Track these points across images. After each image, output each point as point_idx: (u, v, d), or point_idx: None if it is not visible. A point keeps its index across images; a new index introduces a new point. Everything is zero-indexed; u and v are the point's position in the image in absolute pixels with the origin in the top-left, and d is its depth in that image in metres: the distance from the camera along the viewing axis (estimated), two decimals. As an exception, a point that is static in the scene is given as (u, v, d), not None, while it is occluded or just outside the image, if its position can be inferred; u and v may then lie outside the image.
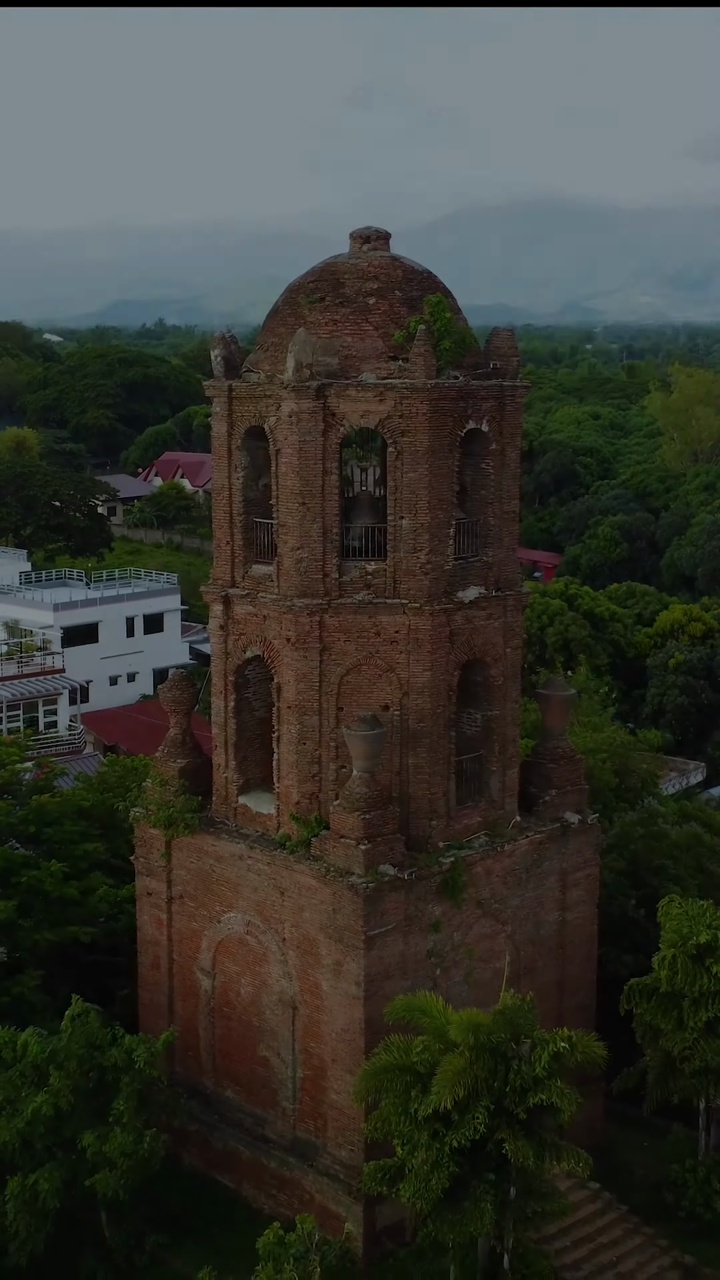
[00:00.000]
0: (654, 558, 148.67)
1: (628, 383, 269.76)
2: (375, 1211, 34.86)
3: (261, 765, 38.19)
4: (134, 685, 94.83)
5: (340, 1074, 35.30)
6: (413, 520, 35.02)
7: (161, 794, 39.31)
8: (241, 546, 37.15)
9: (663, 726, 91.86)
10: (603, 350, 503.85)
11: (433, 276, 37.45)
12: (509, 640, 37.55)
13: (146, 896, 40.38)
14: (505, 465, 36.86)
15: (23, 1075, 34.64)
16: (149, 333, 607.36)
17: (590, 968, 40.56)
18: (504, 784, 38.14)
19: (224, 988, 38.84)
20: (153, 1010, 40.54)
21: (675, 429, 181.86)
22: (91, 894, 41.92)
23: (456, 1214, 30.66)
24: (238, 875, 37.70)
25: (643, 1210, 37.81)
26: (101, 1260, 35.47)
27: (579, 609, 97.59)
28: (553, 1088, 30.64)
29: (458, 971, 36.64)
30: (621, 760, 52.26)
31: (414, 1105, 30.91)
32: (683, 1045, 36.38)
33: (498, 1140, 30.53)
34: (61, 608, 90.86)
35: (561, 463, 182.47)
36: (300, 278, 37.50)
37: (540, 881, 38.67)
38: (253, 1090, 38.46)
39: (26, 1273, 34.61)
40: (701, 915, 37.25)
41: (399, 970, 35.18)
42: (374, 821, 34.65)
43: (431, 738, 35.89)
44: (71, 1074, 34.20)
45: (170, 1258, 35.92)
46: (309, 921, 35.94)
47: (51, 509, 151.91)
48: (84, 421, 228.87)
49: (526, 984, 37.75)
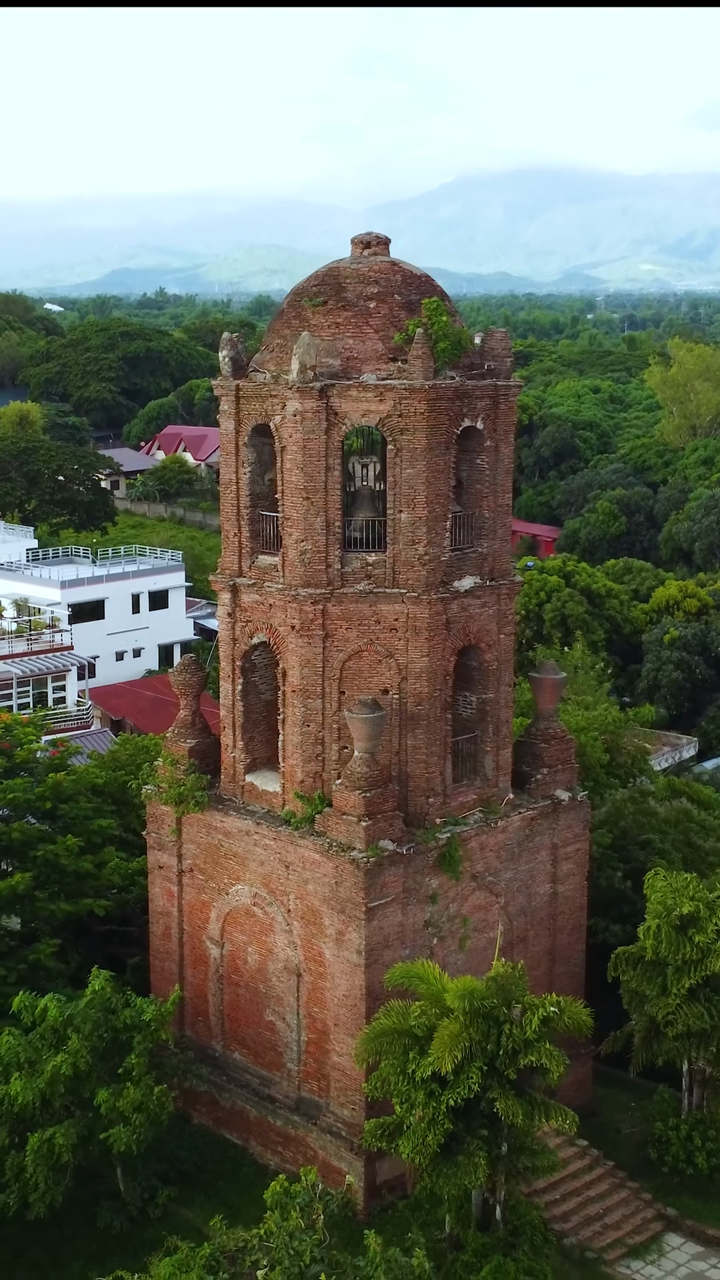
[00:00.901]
0: (652, 532, 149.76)
1: (628, 355, 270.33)
2: (375, 1166, 36.74)
3: (267, 745, 40.00)
4: (139, 660, 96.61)
5: (342, 1037, 37.12)
6: (411, 514, 36.77)
7: (172, 773, 41.17)
8: (248, 538, 38.88)
9: (658, 701, 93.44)
10: (604, 320, 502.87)
11: (430, 280, 39.11)
12: (502, 627, 39.34)
13: (158, 870, 42.30)
14: (499, 461, 38.61)
15: (42, 1038, 36.39)
16: (150, 302, 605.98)
17: (579, 937, 42.41)
18: (498, 763, 39.97)
19: (232, 956, 40.75)
20: (164, 977, 42.49)
21: (674, 403, 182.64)
22: (105, 867, 43.76)
23: (452, 1168, 32.46)
24: (245, 850, 39.58)
25: (629, 1166, 39.69)
26: (117, 1212, 37.40)
27: (576, 585, 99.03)
28: (542, 1050, 32.48)
29: (453, 941, 38.49)
30: (612, 738, 54.00)
31: (412, 1066, 32.66)
32: (666, 1010, 38.07)
33: (490, 1099, 32.32)
34: (68, 585, 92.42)
35: (561, 437, 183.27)
36: (304, 281, 39.15)
37: (532, 856, 40.52)
38: (259, 1053, 40.40)
39: (46, 1223, 36.58)
40: (685, 887, 39.02)
41: (398, 939, 36.94)
42: (374, 800, 36.44)
43: (429, 720, 37.68)
44: (88, 1037, 35.99)
45: (181, 1210, 37.73)
46: (313, 894, 37.78)
47: (55, 484, 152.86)
48: (86, 395, 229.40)
49: (519, 953, 39.73)
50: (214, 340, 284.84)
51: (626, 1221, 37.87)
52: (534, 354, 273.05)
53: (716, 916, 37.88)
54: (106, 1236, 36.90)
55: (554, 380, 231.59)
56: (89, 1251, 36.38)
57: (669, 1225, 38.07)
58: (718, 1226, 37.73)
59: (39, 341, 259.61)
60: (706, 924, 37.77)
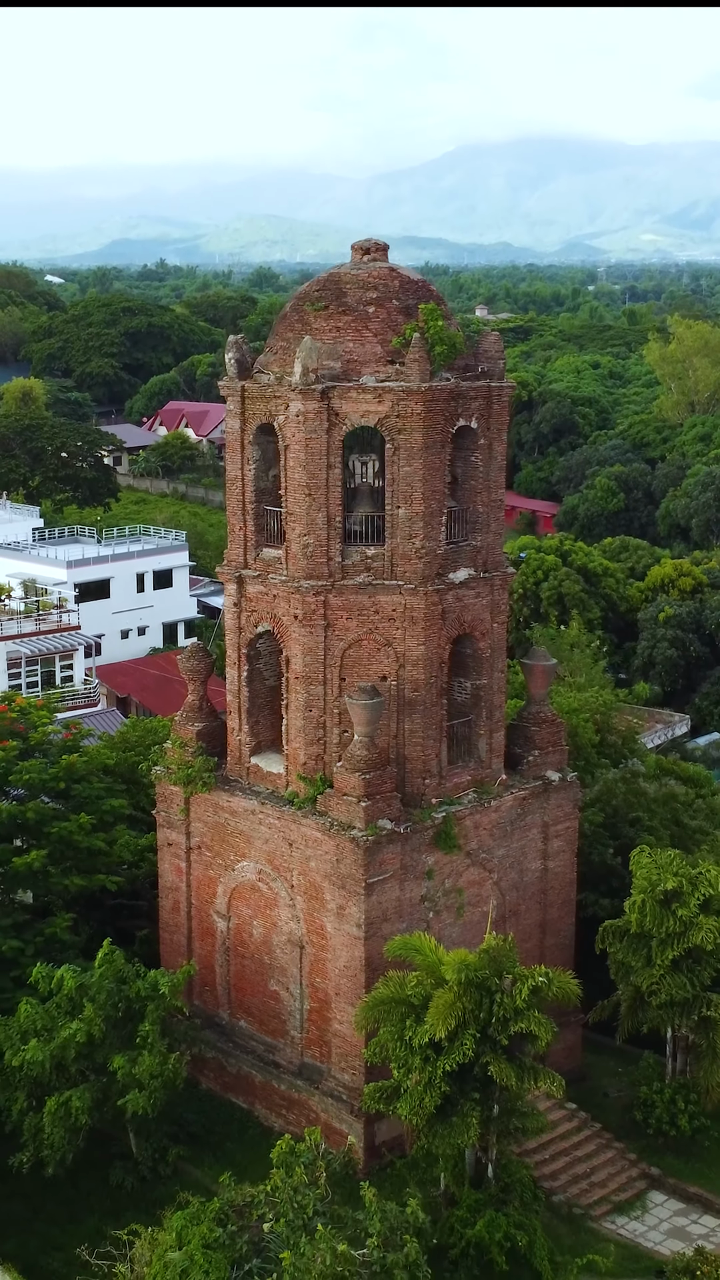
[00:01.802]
0: (650, 508, 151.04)
1: (628, 329, 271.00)
2: (374, 1127, 38.73)
3: (272, 729, 41.87)
4: (144, 639, 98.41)
5: (343, 1006, 39.04)
6: (408, 509, 38.53)
7: (181, 755, 43.08)
8: (253, 531, 40.66)
9: (652, 678, 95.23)
10: (605, 291, 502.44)
11: (427, 285, 40.81)
12: (496, 616, 41.15)
13: (167, 847, 44.24)
14: (492, 458, 40.38)
15: (59, 1006, 38.28)
16: (151, 274, 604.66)
17: (569, 911, 44.36)
18: (491, 746, 41.83)
19: (238, 929, 42.69)
20: (173, 949, 44.49)
21: (672, 379, 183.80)
22: (116, 844, 45.61)
23: (446, 1129, 34.48)
24: (250, 828, 41.49)
25: (615, 1128, 41.71)
26: (129, 1171, 39.38)
27: (573, 564, 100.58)
28: (531, 1018, 34.46)
29: (448, 915, 40.40)
30: (603, 718, 55.84)
31: (409, 1033, 34.64)
32: (650, 981, 40.03)
33: (483, 1064, 34.28)
34: (75, 564, 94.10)
35: (560, 413, 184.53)
36: (306, 285, 40.86)
37: (524, 833, 42.42)
38: (264, 1021, 42.38)
39: (62, 1181, 38.63)
40: (669, 864, 40.93)
41: (396, 913, 38.85)
42: (373, 781, 38.29)
43: (425, 705, 39.53)
44: (102, 1005, 37.97)
45: (190, 1169, 39.70)
46: (315, 870, 39.70)
47: (59, 460, 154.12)
48: (88, 370, 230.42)
49: (512, 926, 41.67)
50: (216, 315, 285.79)
51: (612, 1180, 39.88)
52: (534, 329, 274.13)
53: (698, 892, 39.78)
54: (120, 1194, 38.84)
55: (554, 355, 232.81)
56: (103, 1208, 38.32)
57: (653, 1183, 40.06)
58: (699, 1184, 39.75)
59: (41, 317, 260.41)
60: (689, 899, 39.68)
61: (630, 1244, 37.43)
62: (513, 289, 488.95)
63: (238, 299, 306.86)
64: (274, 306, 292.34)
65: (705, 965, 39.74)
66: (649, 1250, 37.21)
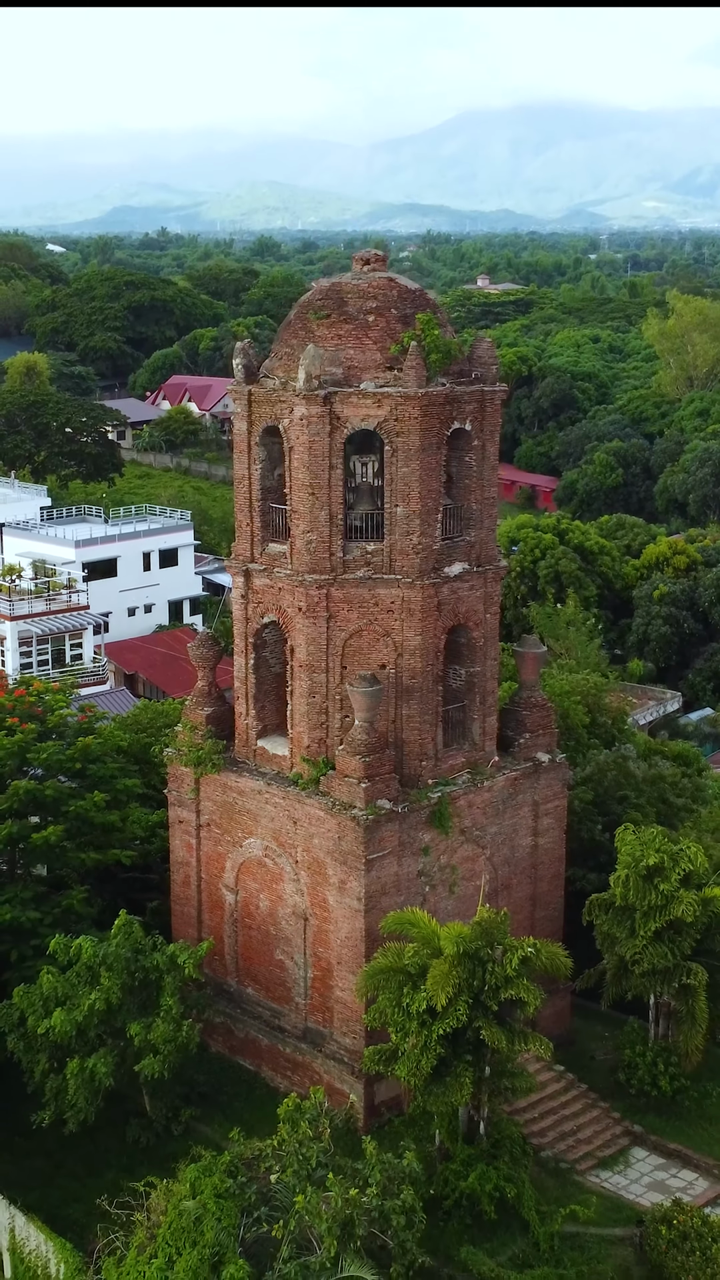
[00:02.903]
0: (648, 484, 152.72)
1: (629, 302, 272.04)
2: (374, 1088, 41.19)
3: (277, 714, 44.20)
4: (150, 616, 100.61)
5: (344, 974, 41.48)
6: (406, 508, 40.76)
7: (191, 738, 45.45)
8: (260, 528, 42.91)
9: (647, 655, 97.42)
10: (607, 260, 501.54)
11: (423, 294, 42.93)
12: (488, 607, 43.42)
13: (178, 824, 46.66)
14: (485, 458, 42.56)
15: (78, 975, 40.61)
16: (152, 242, 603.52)
17: (558, 885, 46.78)
18: (484, 729, 44.18)
19: (245, 902, 45.14)
20: (184, 921, 46.97)
21: (671, 354, 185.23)
22: (129, 821, 48.04)
23: (441, 1089, 36.95)
24: (257, 807, 43.87)
25: (600, 1088, 44.18)
26: (144, 1128, 41.86)
27: (570, 543, 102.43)
28: (521, 985, 36.86)
29: (444, 889, 42.81)
30: (594, 700, 58.10)
31: (406, 1000, 37.03)
32: (634, 951, 42.39)
33: (476, 1029, 36.70)
34: (83, 544, 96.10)
35: (560, 388, 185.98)
36: (309, 294, 43.02)
37: (515, 812, 44.81)
38: (270, 988, 44.86)
39: (81, 1138, 41.11)
40: (652, 841, 43.24)
41: (394, 888, 41.22)
42: (373, 764, 40.63)
43: (422, 692, 41.85)
44: (119, 974, 40.37)
45: (201, 1127, 42.14)
46: (318, 847, 42.08)
47: (64, 436, 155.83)
48: (92, 344, 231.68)
49: (504, 899, 44.16)
50: (218, 288, 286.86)
51: (597, 1137, 42.37)
52: (535, 301, 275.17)
53: (679, 867, 42.13)
54: (135, 1150, 41.37)
55: (554, 329, 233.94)
56: (120, 1163, 40.81)
57: (635, 1140, 42.53)
58: (678, 1141, 42.25)
59: (44, 290, 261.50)
60: (670, 874, 42.03)
61: (613, 1196, 39.94)
62: (514, 259, 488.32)
63: (239, 271, 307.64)
64: (275, 280, 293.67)
65: (685, 936, 42.09)
66: (630, 1201, 39.72)
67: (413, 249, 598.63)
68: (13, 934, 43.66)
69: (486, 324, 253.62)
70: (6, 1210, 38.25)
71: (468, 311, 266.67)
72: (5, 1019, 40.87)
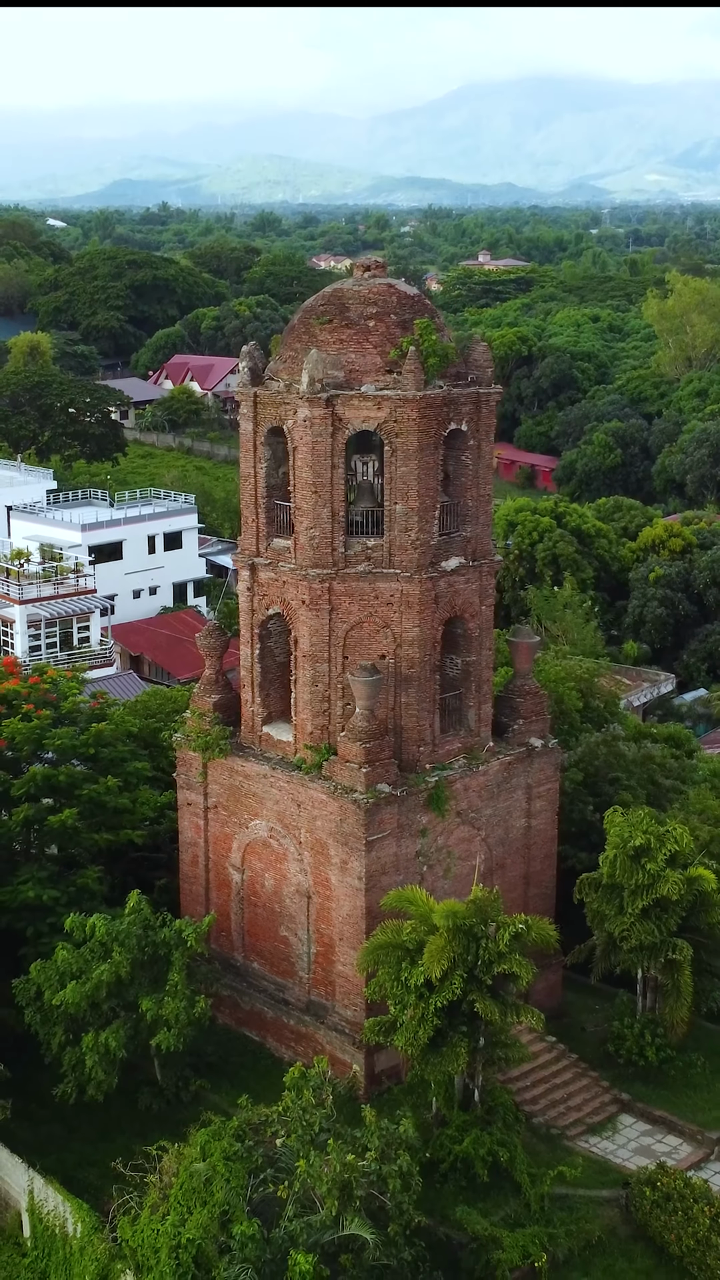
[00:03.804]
0: (646, 464, 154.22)
1: (629, 280, 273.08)
2: (374, 1057, 43.11)
3: (281, 701, 46.07)
4: (155, 598, 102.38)
5: (346, 950, 43.42)
6: (405, 505, 42.53)
7: (199, 724, 47.37)
8: (265, 524, 44.70)
9: (642, 637, 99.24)
10: (609, 236, 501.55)
11: (422, 299, 44.66)
12: (484, 600, 45.20)
13: (187, 807, 48.61)
14: (481, 457, 44.32)
15: (91, 951, 42.44)
16: (153, 217, 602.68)
17: (551, 864, 48.69)
18: (479, 716, 46.04)
19: (251, 881, 47.09)
20: (192, 898, 48.98)
21: (670, 335, 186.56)
22: (139, 803, 49.99)
23: (438, 1058, 38.79)
24: (262, 790, 45.79)
25: (590, 1058, 46.08)
26: (155, 1097, 43.74)
27: (567, 526, 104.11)
28: (513, 960, 38.65)
29: (440, 869, 44.72)
30: (587, 685, 59.99)
31: (405, 974, 38.81)
32: (622, 927, 44.20)
33: (470, 1001, 38.47)
34: (89, 528, 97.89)
35: (559, 368, 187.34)
36: (312, 299, 44.73)
37: (509, 795, 46.71)
38: (275, 963, 46.83)
39: (95, 1106, 42.90)
40: (640, 822, 45.13)
41: (393, 868, 43.09)
42: (373, 749, 42.47)
43: (420, 681, 43.70)
44: (130, 950, 42.30)
45: (209, 1096, 43.92)
46: (320, 828, 43.97)
47: (67, 417, 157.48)
48: (94, 323, 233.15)
49: (498, 878, 46.11)
50: (219, 266, 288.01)
51: (587, 1104, 44.30)
52: (535, 280, 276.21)
53: (665, 848, 44.01)
54: (147, 1116, 43.22)
55: (554, 308, 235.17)
56: (132, 1129, 42.61)
57: (623, 1108, 44.46)
58: (664, 1109, 44.22)
59: (46, 269, 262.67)
60: (657, 854, 43.91)
61: (601, 1160, 41.96)
62: (516, 234, 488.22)
63: (241, 250, 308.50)
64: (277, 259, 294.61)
65: (671, 914, 43.97)
66: (618, 1165, 41.73)
67: (414, 224, 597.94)
68: (30, 912, 45.65)
69: (487, 302, 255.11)
70: (25, 1173, 40.33)
71: (469, 290, 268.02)
72: (23, 993, 42.83)
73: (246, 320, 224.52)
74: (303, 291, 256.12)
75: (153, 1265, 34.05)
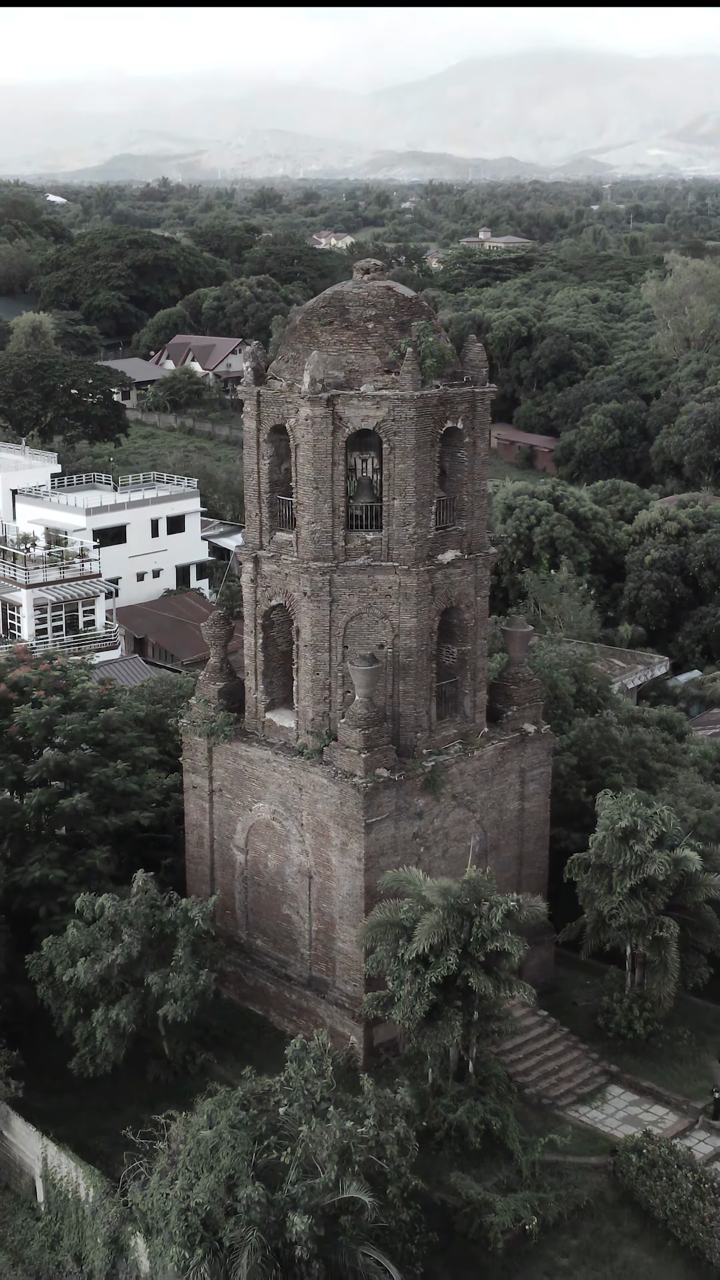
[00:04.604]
0: (645, 444, 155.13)
1: (629, 259, 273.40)
2: (372, 1031, 44.94)
3: (284, 688, 47.69)
4: (159, 580, 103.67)
5: (345, 928, 45.18)
6: (402, 500, 44.10)
7: (205, 711, 49.05)
8: (268, 518, 46.29)
9: (638, 619, 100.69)
10: (609, 212, 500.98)
11: (419, 301, 46.17)
12: (479, 591, 46.83)
13: (192, 790, 50.30)
14: (476, 454, 45.89)
15: (100, 930, 44.30)
16: (153, 193, 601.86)
17: (543, 845, 50.41)
18: (474, 703, 47.70)
19: (255, 861, 48.82)
20: (198, 878, 50.74)
21: (669, 315, 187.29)
22: (146, 785, 51.68)
23: (433, 1031, 40.67)
24: (266, 774, 47.49)
25: (581, 1031, 47.88)
26: (163, 1068, 45.54)
27: (564, 509, 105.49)
28: (505, 937, 40.35)
29: (437, 850, 46.47)
30: (581, 670, 61.61)
31: (402, 951, 40.62)
32: (611, 906, 45.95)
33: (464, 976, 40.27)
34: (94, 512, 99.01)
35: (559, 348, 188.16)
36: (313, 301, 46.25)
37: (503, 779, 48.42)
38: (277, 940, 48.61)
39: (104, 1078, 44.58)
40: (628, 805, 46.80)
41: (391, 849, 44.82)
42: (372, 736, 44.14)
43: (417, 669, 45.33)
44: (139, 928, 44.07)
45: (215, 1067, 45.71)
46: (321, 811, 45.64)
47: (70, 398, 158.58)
48: (96, 303, 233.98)
49: (493, 859, 47.91)
50: (220, 245, 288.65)
51: (577, 1075, 46.10)
52: (535, 259, 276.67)
53: (652, 829, 45.81)
54: (156, 1088, 45.02)
55: (554, 288, 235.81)
56: (141, 1099, 44.40)
57: (611, 1079, 46.26)
58: (651, 1080, 46.02)
59: (48, 249, 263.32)
60: (644, 835, 45.69)
61: (590, 1128, 43.81)
62: (516, 211, 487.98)
63: (241, 229, 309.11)
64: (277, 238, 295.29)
65: (658, 893, 45.73)
66: (606, 1133, 43.56)
67: (414, 199, 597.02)
68: (41, 891, 47.42)
69: (487, 282, 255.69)
70: (39, 1141, 42.18)
71: (469, 269, 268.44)
72: (36, 968, 44.63)
73: (247, 300, 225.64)
74: (303, 271, 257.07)
75: (162, 1227, 35.75)
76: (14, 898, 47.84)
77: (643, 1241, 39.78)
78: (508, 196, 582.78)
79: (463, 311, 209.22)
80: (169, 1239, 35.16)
